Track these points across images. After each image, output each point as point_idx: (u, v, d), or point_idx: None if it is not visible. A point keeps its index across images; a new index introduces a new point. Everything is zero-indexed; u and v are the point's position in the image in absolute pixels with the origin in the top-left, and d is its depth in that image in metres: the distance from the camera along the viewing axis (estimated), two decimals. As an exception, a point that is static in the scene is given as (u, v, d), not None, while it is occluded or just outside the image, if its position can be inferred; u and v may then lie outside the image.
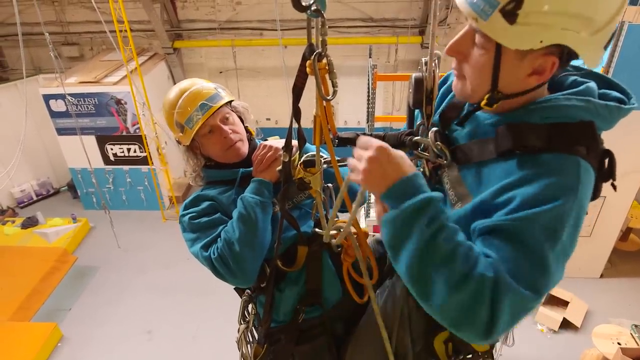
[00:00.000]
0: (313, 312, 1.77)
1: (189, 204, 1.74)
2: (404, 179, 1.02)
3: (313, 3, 1.01)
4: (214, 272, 1.62)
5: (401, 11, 8.44)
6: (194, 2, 8.82)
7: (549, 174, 0.96)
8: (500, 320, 0.92)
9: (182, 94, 1.70)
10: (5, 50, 9.58)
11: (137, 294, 6.46)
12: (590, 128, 1.02)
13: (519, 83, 1.01)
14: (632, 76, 4.83)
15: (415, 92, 1.24)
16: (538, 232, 0.93)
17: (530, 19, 0.89)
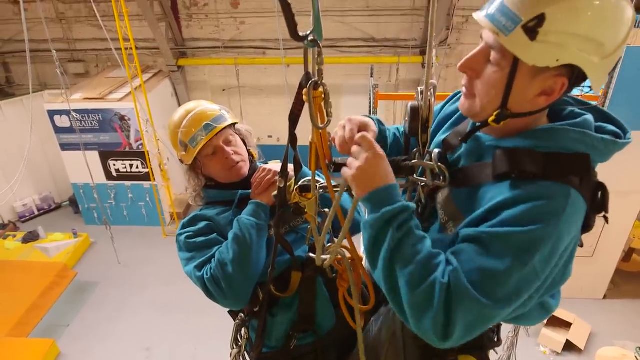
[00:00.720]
0: (306, 338, 1.76)
1: (187, 223, 1.75)
2: (387, 186, 1.10)
3: (310, 33, 1.04)
4: (206, 293, 1.61)
5: (402, 32, 8.56)
6: (198, 21, 8.96)
7: (537, 199, 0.98)
8: (456, 324, 0.97)
9: (188, 114, 1.73)
10: (12, 67, 9.72)
11: (136, 310, 6.41)
12: (585, 160, 1.05)
13: (527, 103, 1.04)
14: (631, 97, 4.89)
15: (411, 120, 1.26)
16: (508, 249, 0.97)
17: (550, 37, 0.92)
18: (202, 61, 9.21)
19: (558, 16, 0.91)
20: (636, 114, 5.02)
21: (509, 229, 0.97)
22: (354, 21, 8.55)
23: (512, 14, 0.94)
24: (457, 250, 1.05)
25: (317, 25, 1.06)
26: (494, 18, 0.98)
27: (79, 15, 9.05)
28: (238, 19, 8.82)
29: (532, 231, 0.96)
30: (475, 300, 0.96)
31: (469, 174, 1.16)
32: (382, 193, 1.10)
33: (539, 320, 1.26)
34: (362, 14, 8.52)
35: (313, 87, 1.13)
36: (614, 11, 0.93)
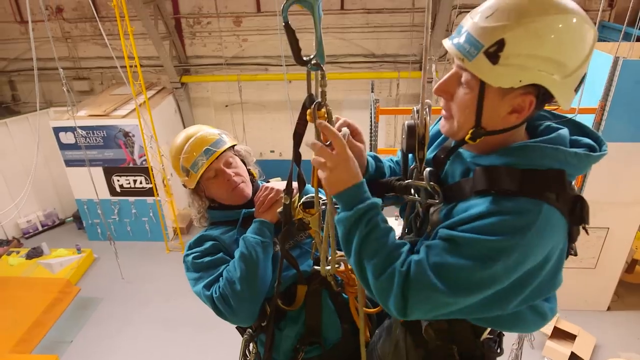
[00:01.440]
0: (313, 351, 1.78)
1: (193, 244, 1.79)
2: (355, 185, 1.19)
3: (313, 57, 1.11)
4: (216, 311, 1.64)
5: (402, 47, 8.69)
6: (201, 39, 9.12)
7: (508, 213, 1.04)
8: (413, 305, 1.10)
9: (188, 140, 1.77)
10: (17, 84, 9.87)
11: (140, 326, 6.41)
12: (560, 176, 1.08)
13: (500, 120, 1.09)
14: (629, 109, 4.95)
15: (408, 138, 1.30)
16: (474, 253, 1.05)
17: (511, 60, 0.99)
18: (205, 78, 9.35)
19: (516, 40, 0.97)
20: (634, 126, 5.09)
21: (478, 236, 1.05)
22: (354, 37, 8.69)
23: (475, 40, 1.02)
24: (431, 244, 1.14)
25: (319, 49, 1.13)
26: (459, 45, 1.05)
27: (84, 34, 9.22)
28: (241, 37, 8.97)
29: (498, 241, 1.03)
30: (433, 287, 1.07)
31: (457, 190, 1.21)
32: (352, 191, 1.19)
33: (535, 327, 1.28)
34: (362, 30, 8.66)
35: (317, 108, 1.19)
36: (573, 33, 0.99)
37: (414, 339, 1.44)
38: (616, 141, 5.12)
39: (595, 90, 5.00)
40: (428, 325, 1.36)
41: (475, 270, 1.05)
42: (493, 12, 1.00)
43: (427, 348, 1.40)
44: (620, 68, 4.74)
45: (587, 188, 5.38)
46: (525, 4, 0.98)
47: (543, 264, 1.11)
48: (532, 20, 0.96)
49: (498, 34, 0.99)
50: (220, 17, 8.71)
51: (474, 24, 1.03)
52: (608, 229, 5.67)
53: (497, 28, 0.99)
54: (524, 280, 1.11)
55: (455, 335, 1.35)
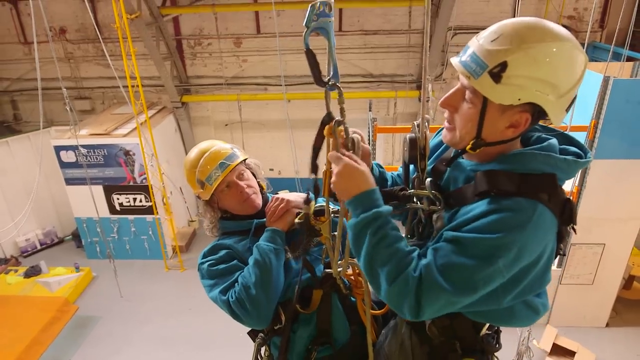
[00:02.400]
0: (324, 351, 1.86)
1: (208, 252, 1.88)
2: (363, 192, 1.27)
3: (331, 78, 1.24)
4: (232, 315, 1.72)
5: (399, 67, 8.87)
6: (202, 60, 9.28)
7: (507, 210, 1.15)
8: (426, 307, 1.17)
9: (203, 154, 1.89)
10: (19, 104, 9.98)
11: (138, 345, 6.38)
12: (551, 179, 1.21)
13: (498, 133, 1.21)
14: (621, 127, 5.07)
15: (410, 150, 1.42)
16: (478, 252, 1.15)
17: (512, 80, 1.11)
18: (206, 97, 9.49)
19: (518, 63, 1.10)
20: (627, 144, 5.19)
21: (480, 235, 1.15)
22: (353, 58, 8.87)
23: (481, 61, 1.13)
24: (437, 246, 1.22)
25: (334, 72, 1.26)
26: (466, 64, 1.17)
27: (87, 54, 9.38)
28: (241, 57, 9.14)
29: (499, 238, 1.13)
30: (442, 289, 1.15)
31: (459, 196, 1.32)
32: (358, 199, 1.27)
33: (529, 321, 1.38)
34: (360, 51, 8.85)
35: (337, 125, 1.33)
36: (566, 59, 1.12)
37: (419, 337, 1.53)
38: (610, 158, 5.23)
39: (587, 108, 5.12)
40: (431, 324, 1.46)
41: (479, 268, 1.14)
42: (498, 37, 1.12)
43: (432, 344, 1.49)
44: (611, 87, 4.87)
45: (583, 204, 5.46)
46: (525, 32, 1.11)
47: (537, 261, 1.21)
48: (531, 46, 1.09)
49: (501, 56, 1.11)
50: (220, 38, 8.89)
51: (480, 46, 1.15)
52: (604, 245, 5.73)
53: (501, 51, 1.11)
54: (520, 276, 1.21)
55: (457, 331, 1.43)
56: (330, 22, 1.20)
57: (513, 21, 1.14)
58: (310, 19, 1.18)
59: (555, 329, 5.80)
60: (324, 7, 1.18)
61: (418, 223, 1.48)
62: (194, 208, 9.67)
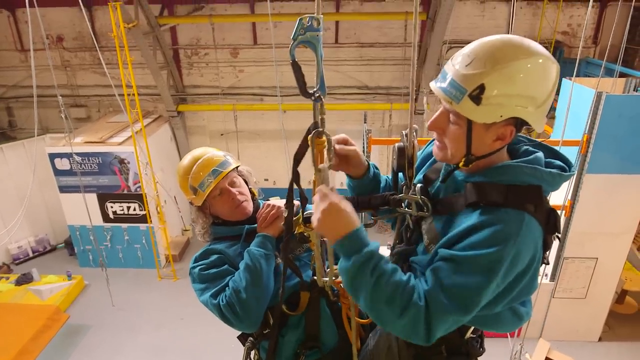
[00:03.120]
0: (312, 355, 1.89)
1: (199, 256, 1.90)
2: (350, 234, 1.25)
3: (316, 90, 1.26)
4: (222, 319, 1.75)
5: (394, 80, 8.95)
6: (199, 69, 9.33)
7: (497, 223, 1.19)
8: (436, 330, 1.20)
9: (196, 161, 1.91)
10: (15, 111, 9.98)
11: (129, 354, 6.32)
12: (537, 190, 1.26)
13: (487, 147, 1.26)
14: (613, 142, 5.12)
15: (399, 158, 1.46)
16: (476, 269, 1.18)
17: (491, 100, 1.15)
18: (202, 107, 9.52)
19: (495, 84, 1.14)
20: (619, 159, 5.25)
21: (476, 252, 1.18)
22: (349, 70, 8.95)
23: (459, 86, 1.18)
24: (435, 267, 1.25)
25: (321, 84, 1.28)
26: (446, 90, 1.21)
27: (84, 62, 9.41)
28: (237, 68, 9.20)
29: (493, 253, 1.17)
30: (449, 310, 1.19)
31: (447, 204, 1.37)
32: (347, 241, 1.25)
33: (513, 327, 1.43)
34: (355, 63, 8.93)
35: (317, 135, 1.33)
36: (540, 72, 1.17)
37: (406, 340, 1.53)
38: (602, 173, 5.28)
39: (580, 123, 5.18)
40: None
41: (480, 284, 1.18)
42: (471, 61, 1.17)
43: (417, 347, 1.48)
44: (604, 102, 4.93)
45: (576, 219, 5.50)
46: (497, 53, 1.15)
47: (527, 268, 1.25)
48: (504, 65, 1.13)
49: (478, 79, 1.15)
50: (217, 48, 8.95)
51: (457, 71, 1.19)
52: (597, 259, 5.76)
53: (477, 74, 1.15)
54: (513, 284, 1.25)
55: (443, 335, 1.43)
56: (317, 36, 1.23)
57: (483, 42, 1.18)
58: (297, 33, 1.20)
59: (548, 343, 5.79)
60: (311, 22, 1.20)
61: (406, 229, 1.52)
62: (187, 217, 9.64)
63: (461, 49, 1.23)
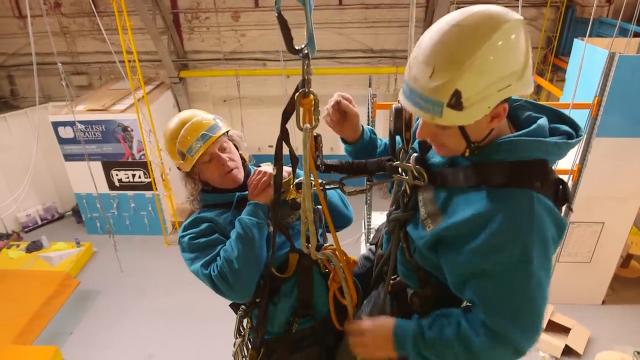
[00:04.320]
0: (305, 323, 1.87)
1: (188, 225, 1.83)
2: (397, 342, 1.33)
3: (304, 47, 1.18)
4: (214, 289, 1.70)
5: (400, 42, 8.71)
6: (200, 34, 9.13)
7: (507, 210, 1.13)
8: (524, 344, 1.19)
9: (184, 124, 1.81)
10: (16, 79, 9.88)
11: (138, 318, 6.47)
12: (543, 165, 1.18)
13: (485, 130, 1.18)
14: (625, 104, 4.99)
15: (395, 120, 1.39)
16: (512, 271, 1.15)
17: (472, 100, 1.06)
18: (204, 73, 9.36)
19: (469, 84, 1.04)
20: (630, 122, 5.13)
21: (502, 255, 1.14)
22: (353, 32, 8.71)
23: (433, 100, 1.07)
24: (473, 294, 1.23)
25: (310, 40, 1.20)
26: (422, 107, 1.11)
27: (83, 29, 9.22)
28: (239, 32, 8.98)
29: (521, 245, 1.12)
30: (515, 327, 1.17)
31: (444, 177, 1.30)
32: (399, 344, 1.33)
33: None
34: (360, 25, 8.68)
35: (303, 95, 1.27)
36: (508, 44, 1.04)
37: (399, 307, 1.54)
38: (612, 136, 5.17)
39: (590, 85, 5.03)
40: (413, 294, 1.47)
41: (525, 282, 1.14)
42: (433, 71, 1.06)
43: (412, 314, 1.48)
44: (617, 64, 4.77)
45: (583, 183, 5.43)
46: (456, 53, 1.03)
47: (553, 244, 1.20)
48: (470, 62, 1.02)
49: (450, 87, 1.04)
50: (218, 12, 8.72)
51: (423, 86, 1.08)
52: (603, 224, 5.73)
53: (446, 83, 1.04)
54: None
55: (439, 301, 1.43)
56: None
57: (436, 45, 1.06)
58: None
59: (551, 306, 5.85)
60: None
61: (403, 195, 1.45)
62: (193, 184, 9.67)
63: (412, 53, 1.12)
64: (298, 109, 1.29)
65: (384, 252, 1.60)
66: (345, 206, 1.99)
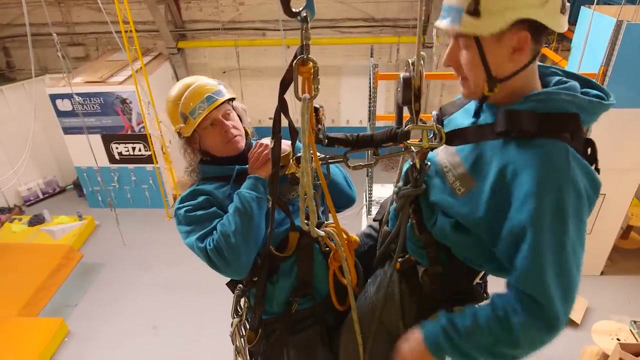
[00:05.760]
0: (305, 303, 1.83)
1: (185, 197, 1.78)
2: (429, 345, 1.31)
3: (302, 10, 1.11)
4: (209, 263, 1.66)
5: (402, 11, 8.51)
6: (197, 3, 8.91)
7: (541, 160, 1.11)
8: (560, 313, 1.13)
9: (187, 87, 1.78)
10: (12, 51, 9.71)
11: (142, 290, 6.56)
12: (575, 119, 1.17)
13: (507, 64, 1.18)
14: (631, 74, 4.89)
15: (404, 90, 1.35)
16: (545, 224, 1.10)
17: (489, 8, 1.09)
18: (202, 43, 9.19)
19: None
20: (636, 92, 5.04)
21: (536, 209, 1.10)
22: (354, 1, 8.50)
23: (454, 8, 1.15)
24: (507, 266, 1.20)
25: (309, 2, 1.13)
26: (445, 17, 1.19)
27: (77, -3, 9.01)
28: (237, 0, 8.76)
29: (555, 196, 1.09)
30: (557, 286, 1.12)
31: (465, 135, 1.28)
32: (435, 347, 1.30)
33: None
34: (361, -7, 8.46)
35: (302, 63, 1.20)
36: None
37: (409, 285, 1.52)
38: (617, 107, 5.04)
39: (596, 54, 4.93)
40: (424, 272, 1.44)
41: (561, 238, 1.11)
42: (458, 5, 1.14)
43: (422, 293, 1.48)
44: (624, 32, 4.65)
45: (586, 154, 5.39)
46: None
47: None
48: None
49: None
50: (216, -21, 8.49)
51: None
52: (604, 195, 5.70)
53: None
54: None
55: (450, 278, 1.42)
56: None
57: None
58: None
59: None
60: None
61: (412, 168, 1.42)
62: (194, 157, 9.63)
63: None
64: (296, 78, 1.22)
65: (390, 229, 1.57)
66: (348, 185, 1.95)
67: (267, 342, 1.88)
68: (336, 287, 1.72)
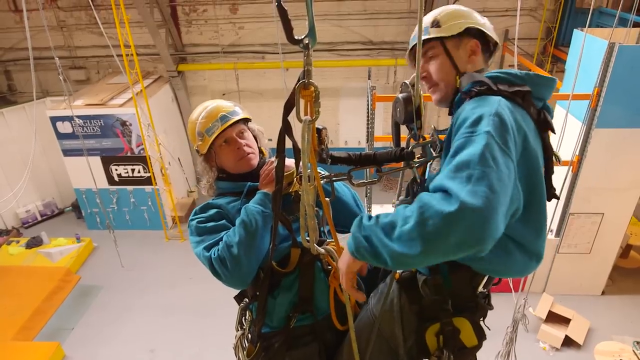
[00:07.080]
0: (305, 319, 1.86)
1: (199, 210, 1.88)
2: (351, 246, 1.26)
3: (305, 37, 1.17)
4: (212, 272, 1.73)
5: (399, 34, 8.67)
6: (198, 27, 9.07)
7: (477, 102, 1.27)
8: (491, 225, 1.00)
9: (205, 108, 1.93)
10: (13, 74, 9.83)
11: (140, 313, 6.48)
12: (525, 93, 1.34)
13: (468, 64, 1.48)
14: (624, 95, 4.97)
15: (406, 108, 1.46)
16: (469, 137, 1.15)
17: (445, 21, 1.49)
18: (202, 66, 9.32)
19: (441, 17, 1.50)
20: (630, 113, 5.11)
21: (462, 129, 1.19)
22: (352, 24, 8.66)
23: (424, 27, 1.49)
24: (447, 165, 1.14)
25: (311, 30, 1.18)
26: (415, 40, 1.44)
27: (80, 22, 9.17)
28: (237, 24, 8.93)
29: (479, 116, 1.18)
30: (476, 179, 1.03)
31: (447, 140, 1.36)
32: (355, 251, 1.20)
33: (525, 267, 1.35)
34: (359, 17, 8.63)
35: (303, 87, 1.26)
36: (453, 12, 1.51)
37: (409, 296, 1.54)
38: (612, 127, 5.16)
39: (590, 76, 5.01)
40: (424, 282, 1.46)
41: (479, 143, 1.10)
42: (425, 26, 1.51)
43: (422, 304, 1.49)
44: (616, 54, 4.75)
45: (583, 174, 5.43)
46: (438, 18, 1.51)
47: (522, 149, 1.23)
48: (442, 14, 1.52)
49: (431, 19, 1.52)
50: (216, 4, 8.66)
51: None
52: (603, 215, 5.73)
53: (430, 17, 1.53)
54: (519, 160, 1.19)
55: (454, 286, 1.43)
56: None
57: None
58: None
59: (552, 297, 5.87)
60: None
61: (413, 183, 1.52)
62: (192, 178, 9.66)
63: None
64: (298, 101, 1.29)
65: None
66: (357, 206, 2.00)
67: (265, 355, 1.90)
68: (337, 306, 1.73)
